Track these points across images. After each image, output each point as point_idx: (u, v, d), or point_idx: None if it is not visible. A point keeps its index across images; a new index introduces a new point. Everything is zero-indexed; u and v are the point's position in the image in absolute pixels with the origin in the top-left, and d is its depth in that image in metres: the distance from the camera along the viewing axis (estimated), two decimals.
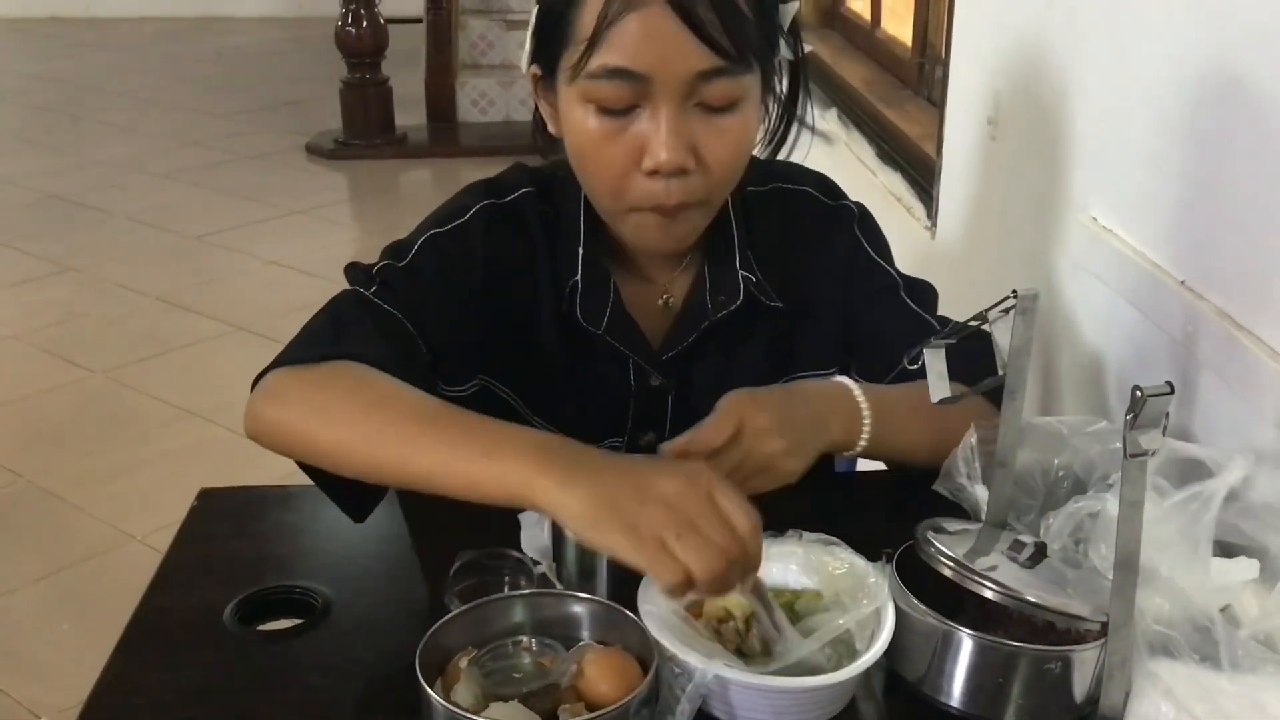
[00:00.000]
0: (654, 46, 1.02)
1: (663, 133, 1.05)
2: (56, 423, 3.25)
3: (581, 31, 1.04)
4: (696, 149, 1.07)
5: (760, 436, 1.05)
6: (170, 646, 1.01)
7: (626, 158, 1.07)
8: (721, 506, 0.86)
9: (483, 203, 1.21)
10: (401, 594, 1.08)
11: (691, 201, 1.10)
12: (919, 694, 0.94)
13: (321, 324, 1.12)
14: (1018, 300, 0.98)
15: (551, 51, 1.09)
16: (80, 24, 8.53)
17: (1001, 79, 1.79)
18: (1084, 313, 1.48)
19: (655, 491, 0.86)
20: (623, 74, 1.03)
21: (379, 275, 1.17)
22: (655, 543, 0.83)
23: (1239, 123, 1.15)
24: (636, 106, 1.06)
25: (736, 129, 1.09)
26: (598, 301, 1.20)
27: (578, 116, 1.08)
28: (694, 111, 1.06)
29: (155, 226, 4.73)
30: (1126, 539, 0.87)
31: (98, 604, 2.47)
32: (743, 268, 1.22)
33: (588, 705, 0.88)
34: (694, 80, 1.04)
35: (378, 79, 5.69)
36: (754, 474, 1.05)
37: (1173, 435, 1.12)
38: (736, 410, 1.06)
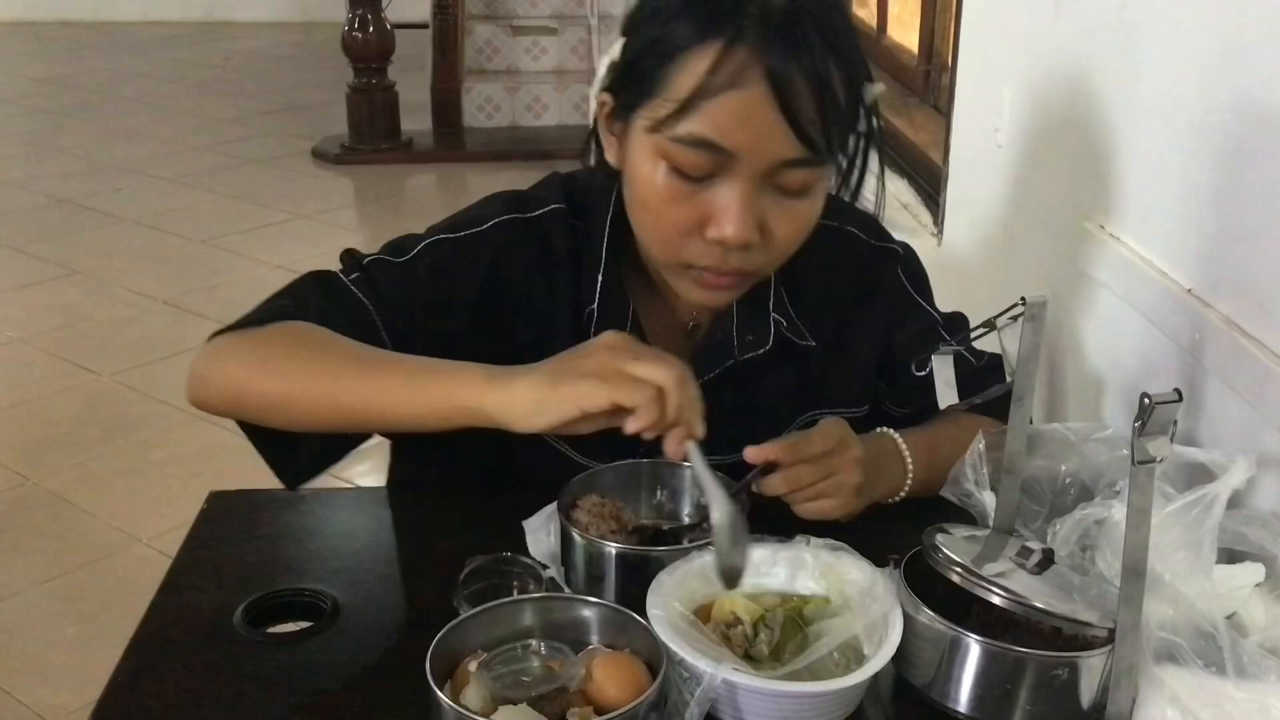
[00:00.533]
0: (748, 128, 1.00)
1: (735, 209, 1.03)
2: (63, 425, 3.26)
3: (673, 90, 1.01)
4: (764, 225, 1.06)
5: (850, 464, 1.10)
6: (180, 649, 1.01)
7: (691, 221, 1.05)
8: (644, 356, 0.96)
9: (505, 216, 1.19)
10: (411, 597, 1.08)
11: (747, 270, 1.09)
12: (926, 699, 0.95)
13: (280, 295, 1.15)
14: (1026, 307, 0.98)
15: (634, 94, 1.06)
16: (87, 27, 8.54)
17: (1008, 87, 1.80)
18: (1091, 320, 1.48)
19: (588, 357, 0.97)
20: (710, 147, 1.01)
21: (367, 266, 1.17)
22: (616, 375, 0.95)
23: (1247, 131, 1.15)
24: (712, 175, 1.04)
25: (805, 212, 1.08)
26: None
27: (648, 169, 1.06)
28: (768, 190, 1.05)
29: (162, 230, 4.74)
30: (1134, 545, 0.87)
31: (104, 607, 2.47)
32: (775, 310, 1.20)
33: (596, 709, 0.88)
34: (779, 165, 1.03)
35: (384, 84, 5.70)
36: (824, 494, 1.10)
37: (1180, 442, 1.13)
38: (839, 432, 1.10)
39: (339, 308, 1.13)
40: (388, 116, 5.73)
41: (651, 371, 0.95)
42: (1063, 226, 1.55)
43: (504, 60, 6.25)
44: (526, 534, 1.12)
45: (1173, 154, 1.29)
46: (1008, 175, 1.83)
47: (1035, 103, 1.70)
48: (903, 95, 2.84)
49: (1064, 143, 1.57)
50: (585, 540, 1.05)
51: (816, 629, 0.97)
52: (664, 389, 0.95)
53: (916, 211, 2.29)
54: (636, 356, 0.96)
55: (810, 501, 1.10)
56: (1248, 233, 1.15)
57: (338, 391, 1.04)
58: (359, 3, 5.52)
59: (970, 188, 2.00)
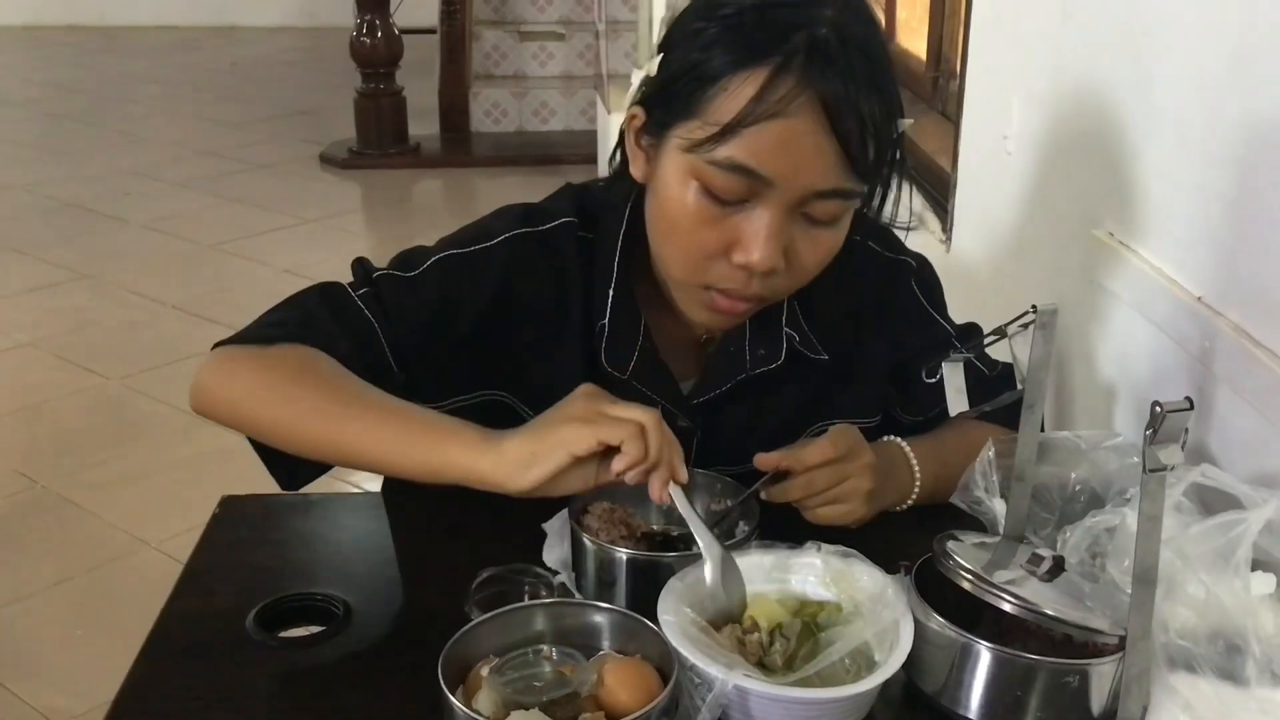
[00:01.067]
0: (789, 157, 1.00)
1: (764, 235, 1.03)
2: (72, 429, 3.27)
3: (713, 113, 1.01)
4: (788, 252, 1.06)
5: (862, 470, 1.11)
6: (192, 653, 1.02)
7: (718, 244, 1.06)
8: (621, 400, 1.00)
9: (514, 231, 1.19)
10: (423, 602, 1.09)
11: (766, 296, 1.10)
12: (937, 706, 0.95)
13: (288, 308, 1.15)
14: (1037, 315, 0.98)
15: (670, 112, 1.05)
16: (96, 32, 8.57)
17: (1017, 94, 1.80)
18: (1100, 328, 1.48)
19: (569, 405, 1.01)
20: (747, 173, 1.01)
21: (377, 281, 1.17)
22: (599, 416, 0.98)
23: (1257, 138, 1.15)
24: (744, 200, 1.04)
25: (830, 241, 1.09)
26: (624, 346, 1.18)
27: (679, 190, 1.05)
28: (796, 218, 1.05)
29: (170, 235, 4.75)
30: (1145, 553, 0.87)
31: (113, 610, 2.48)
32: (789, 325, 1.20)
33: (608, 714, 0.88)
34: (812, 195, 1.03)
35: (391, 89, 5.72)
36: (834, 500, 1.11)
37: (1190, 451, 1.13)
38: (850, 438, 1.11)
39: (345, 328, 1.13)
40: (395, 121, 5.74)
41: (630, 412, 0.99)
42: (1072, 234, 1.56)
43: (511, 65, 6.26)
44: (548, 535, 1.12)
45: (1183, 161, 1.29)
46: (1017, 183, 1.83)
47: (1044, 110, 1.70)
48: (911, 102, 2.84)
49: (1073, 150, 1.57)
50: (596, 546, 1.05)
51: (827, 635, 0.97)
52: (645, 427, 0.98)
53: (925, 219, 2.29)
54: (614, 401, 1.00)
55: (822, 507, 1.11)
56: (1258, 240, 1.15)
57: (335, 436, 1.06)
58: (367, 8, 5.54)
59: (979, 195, 2.00)
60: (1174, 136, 1.31)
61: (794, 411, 1.25)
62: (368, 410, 1.06)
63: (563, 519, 1.12)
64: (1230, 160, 1.20)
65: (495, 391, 1.22)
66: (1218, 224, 1.23)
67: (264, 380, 1.09)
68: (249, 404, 1.09)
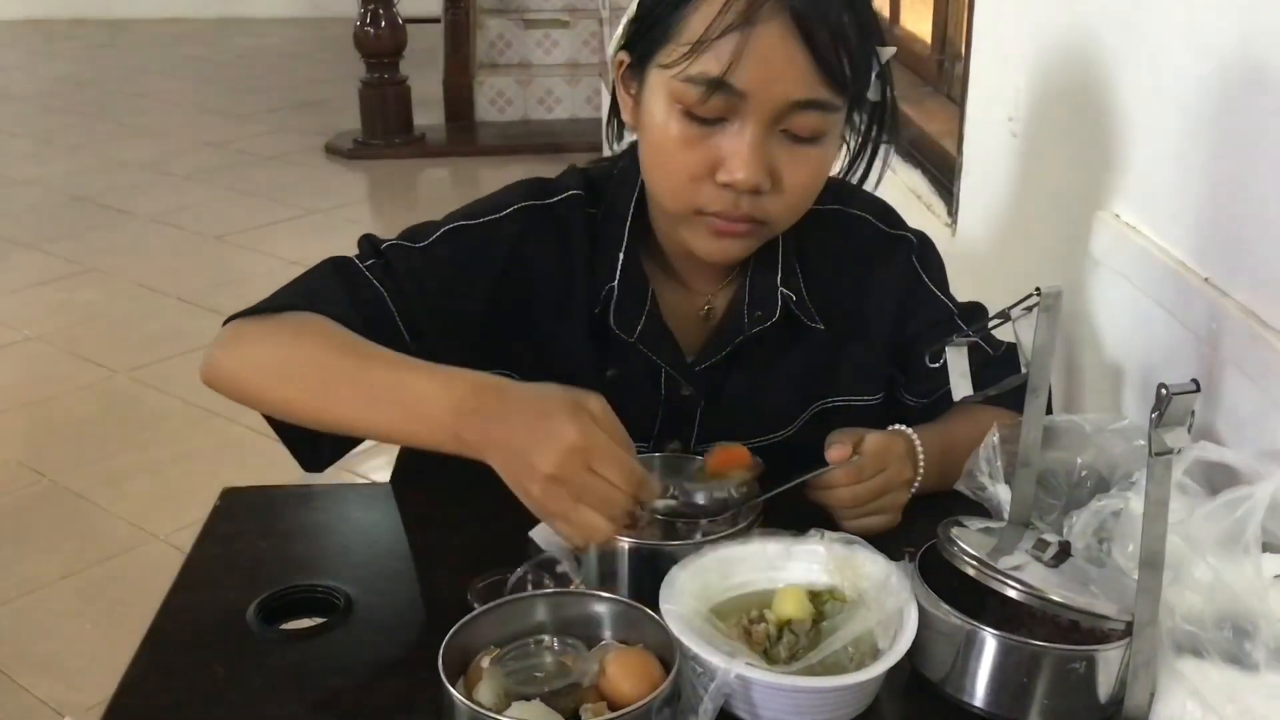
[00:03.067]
0: (760, 67, 1.02)
1: (746, 151, 1.05)
2: (79, 422, 3.27)
3: (687, 32, 1.03)
4: (774, 171, 1.07)
5: (902, 486, 1.13)
6: (193, 646, 1.02)
7: (702, 165, 1.07)
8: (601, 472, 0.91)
9: (523, 203, 1.21)
10: (424, 593, 1.08)
11: (758, 218, 1.10)
12: (942, 694, 0.94)
13: (299, 282, 1.16)
14: (1041, 298, 0.97)
15: (648, 44, 1.08)
16: (101, 25, 8.57)
17: (1022, 75, 1.78)
18: (1107, 311, 1.47)
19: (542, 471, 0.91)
20: (720, 86, 1.03)
21: (386, 253, 1.17)
22: (560, 519, 0.93)
23: (1265, 118, 1.14)
24: (724, 119, 1.05)
25: (815, 160, 1.10)
26: (633, 309, 1.19)
27: (661, 115, 1.08)
28: (778, 135, 1.06)
29: (176, 227, 4.75)
30: (1152, 537, 0.86)
31: (121, 603, 2.48)
32: (784, 285, 1.21)
33: (610, 704, 0.87)
34: (788, 107, 1.04)
35: (396, 79, 5.71)
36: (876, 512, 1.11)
37: (1197, 433, 1.12)
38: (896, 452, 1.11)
39: (355, 298, 1.13)
40: (400, 111, 5.74)
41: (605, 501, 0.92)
42: (1078, 215, 1.54)
43: (516, 54, 6.25)
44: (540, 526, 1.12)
45: (1189, 142, 1.28)
46: (1022, 164, 1.82)
47: (1049, 91, 1.69)
48: (916, 85, 2.83)
49: (1079, 131, 1.56)
50: None
51: (831, 624, 0.96)
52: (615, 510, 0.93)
53: (930, 201, 2.28)
54: (590, 477, 0.91)
55: (861, 519, 1.11)
56: (1266, 221, 1.14)
57: (337, 410, 1.04)
58: None
59: (984, 177, 1.99)
60: (1180, 117, 1.30)
61: (795, 385, 1.25)
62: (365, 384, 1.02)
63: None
64: (1238, 140, 1.19)
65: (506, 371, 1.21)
66: (1225, 205, 1.21)
67: (268, 359, 1.08)
68: (254, 388, 1.08)
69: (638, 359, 1.21)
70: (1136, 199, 1.41)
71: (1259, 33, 1.15)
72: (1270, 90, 1.13)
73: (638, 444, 1.21)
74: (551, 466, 0.91)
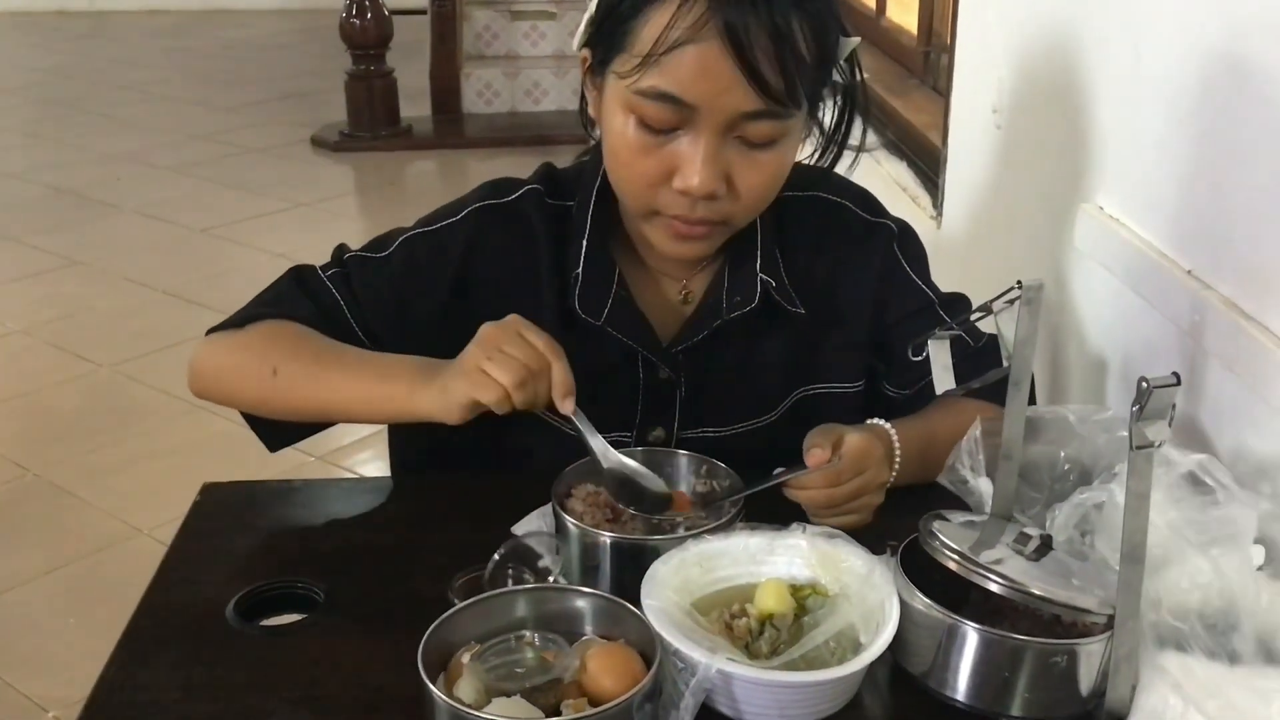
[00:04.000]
0: (706, 81, 1.03)
1: (699, 160, 1.06)
2: (64, 417, 3.25)
3: (638, 45, 1.04)
4: (730, 177, 1.08)
5: (879, 489, 1.11)
6: (173, 641, 1.01)
7: (659, 171, 1.09)
8: (525, 335, 1.05)
9: (479, 204, 1.23)
10: (404, 589, 1.07)
11: (715, 220, 1.11)
12: (924, 688, 0.94)
13: (266, 293, 1.23)
14: (1022, 291, 0.97)
15: (605, 49, 1.09)
16: (85, 17, 8.52)
17: (1007, 67, 1.78)
18: (1090, 303, 1.47)
19: (481, 335, 1.06)
20: (670, 99, 1.04)
21: (347, 263, 1.23)
22: (475, 371, 1.04)
23: (1247, 111, 1.14)
24: (677, 128, 1.07)
25: (772, 164, 1.10)
26: (598, 293, 1.19)
27: (618, 122, 1.09)
28: (733, 142, 1.07)
29: (161, 220, 4.72)
30: (1132, 531, 0.86)
31: (104, 598, 2.47)
32: (763, 271, 1.21)
33: (591, 700, 0.87)
34: (739, 117, 1.05)
35: (382, 71, 5.68)
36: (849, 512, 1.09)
37: (1179, 426, 1.12)
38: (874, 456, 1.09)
39: (315, 304, 1.20)
40: (387, 103, 5.71)
41: (526, 354, 1.04)
42: (1062, 208, 1.54)
43: (503, 46, 6.22)
44: (524, 522, 1.11)
45: (1173, 134, 1.28)
46: (1007, 157, 1.82)
47: (1034, 84, 1.69)
48: (901, 77, 2.82)
49: (1063, 124, 1.56)
50: (580, 530, 1.04)
51: (813, 618, 0.96)
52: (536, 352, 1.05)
53: (915, 193, 2.28)
54: (516, 336, 1.05)
55: (834, 518, 1.09)
56: (1248, 213, 1.14)
57: (305, 399, 1.16)
58: None
59: (969, 170, 1.99)
60: (1164, 110, 1.30)
61: (777, 370, 1.25)
62: (327, 368, 1.15)
63: (540, 513, 1.12)
64: (1221, 133, 1.19)
65: None
66: (1208, 197, 1.21)
67: (239, 358, 1.19)
68: (230, 381, 1.20)
69: (613, 346, 1.21)
70: (1120, 191, 1.41)
71: (1242, 25, 1.15)
72: (1254, 83, 1.13)
73: (621, 432, 1.22)
74: (489, 329, 1.06)
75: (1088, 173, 1.49)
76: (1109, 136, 1.44)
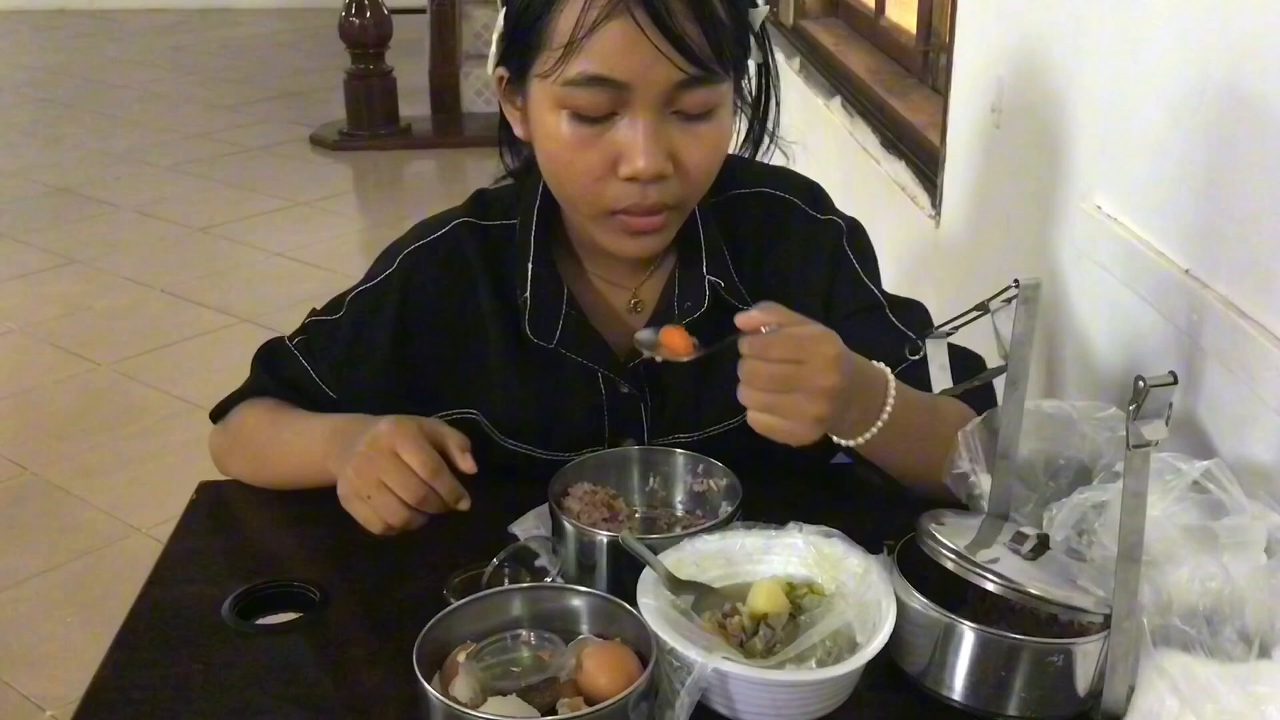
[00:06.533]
0: (634, 56, 1.01)
1: (641, 141, 1.04)
2: (61, 415, 3.25)
3: (557, 37, 1.03)
4: (674, 155, 1.07)
5: (825, 364, 0.98)
6: (168, 640, 1.01)
7: (603, 164, 1.06)
8: (403, 457, 1.05)
9: (409, 249, 1.22)
10: (399, 588, 1.07)
11: (669, 203, 1.09)
12: (921, 687, 0.94)
13: (249, 377, 1.28)
14: (1020, 289, 0.97)
15: (523, 55, 1.07)
16: (85, 16, 8.52)
17: (1006, 67, 1.78)
18: (1088, 302, 1.47)
19: (357, 451, 1.07)
20: (601, 82, 1.02)
21: (307, 327, 1.26)
22: (357, 501, 1.06)
23: (1245, 111, 1.14)
24: (614, 114, 1.05)
25: (713, 135, 1.09)
26: (549, 315, 1.18)
27: (551, 123, 1.07)
28: (671, 119, 1.06)
29: (160, 218, 4.72)
30: (1129, 530, 0.86)
31: (102, 596, 2.47)
32: (710, 272, 1.19)
33: (587, 699, 0.87)
34: (673, 89, 1.04)
35: (381, 69, 5.68)
36: (777, 411, 0.98)
37: (1176, 424, 1.11)
38: (823, 350, 0.98)
39: (285, 376, 1.24)
40: (386, 102, 5.71)
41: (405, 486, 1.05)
42: (1060, 207, 1.54)
43: None
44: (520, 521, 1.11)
45: (1170, 134, 1.28)
46: (1005, 156, 1.81)
47: (1033, 83, 1.69)
48: (900, 76, 2.82)
49: (1062, 123, 1.56)
50: (576, 529, 1.04)
51: (809, 617, 0.96)
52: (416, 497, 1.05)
53: (914, 193, 2.27)
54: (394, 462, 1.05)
55: (765, 415, 0.99)
56: (1246, 213, 1.14)
57: (272, 474, 1.22)
58: None
59: (968, 169, 1.99)
60: (1161, 109, 1.29)
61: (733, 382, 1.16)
62: (281, 448, 1.20)
63: (537, 514, 1.12)
64: (1217, 132, 1.19)
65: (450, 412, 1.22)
66: (1205, 196, 1.21)
67: (228, 447, 1.27)
68: (232, 469, 1.27)
69: (569, 365, 1.19)
70: (1118, 191, 1.40)
71: (1240, 25, 1.15)
72: (1251, 82, 1.13)
73: (591, 447, 1.21)
74: (364, 446, 1.06)
75: (1086, 172, 1.48)
76: (1107, 136, 1.43)
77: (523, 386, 1.20)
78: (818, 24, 3.58)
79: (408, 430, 1.07)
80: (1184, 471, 1.00)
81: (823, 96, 2.99)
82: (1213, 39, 1.19)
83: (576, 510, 1.08)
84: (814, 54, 3.36)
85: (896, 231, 2.34)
